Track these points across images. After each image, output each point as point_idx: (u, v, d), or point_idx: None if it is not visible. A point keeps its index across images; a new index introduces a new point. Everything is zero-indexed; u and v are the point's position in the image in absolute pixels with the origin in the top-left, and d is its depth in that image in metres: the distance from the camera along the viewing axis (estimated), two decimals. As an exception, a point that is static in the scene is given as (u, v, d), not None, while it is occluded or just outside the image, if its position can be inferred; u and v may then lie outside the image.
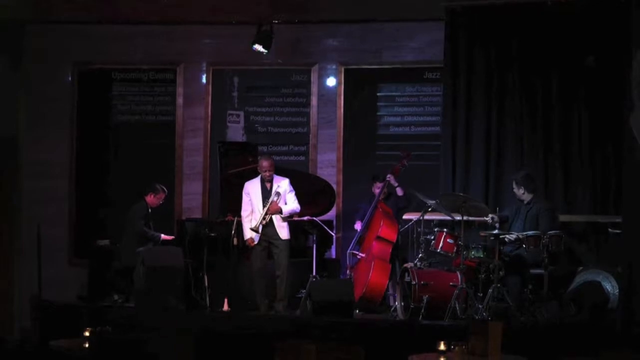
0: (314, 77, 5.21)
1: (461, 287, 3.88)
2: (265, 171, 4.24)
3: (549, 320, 3.73)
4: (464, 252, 3.97)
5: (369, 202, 4.63)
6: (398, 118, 5.18)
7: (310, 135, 5.24)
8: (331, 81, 5.19)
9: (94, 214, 5.21)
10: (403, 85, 5.15)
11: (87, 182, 5.27)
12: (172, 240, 4.71)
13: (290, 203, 4.26)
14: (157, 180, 4.84)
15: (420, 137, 5.13)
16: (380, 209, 4.44)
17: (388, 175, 4.52)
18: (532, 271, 4.06)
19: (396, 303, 4.13)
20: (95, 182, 5.27)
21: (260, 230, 4.18)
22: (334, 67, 5.16)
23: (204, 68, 5.25)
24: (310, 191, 4.62)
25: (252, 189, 4.28)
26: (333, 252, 4.95)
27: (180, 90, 5.27)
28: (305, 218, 4.45)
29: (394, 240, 4.38)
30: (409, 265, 4.12)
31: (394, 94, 5.18)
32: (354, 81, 5.16)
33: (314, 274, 4.31)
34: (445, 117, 4.85)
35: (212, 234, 4.52)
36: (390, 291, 4.37)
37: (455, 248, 4.06)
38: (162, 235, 4.67)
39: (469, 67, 4.79)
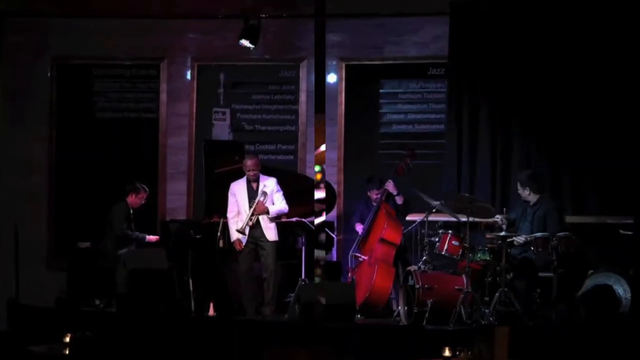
0: (302, 73, 5.20)
1: (467, 291, 3.86)
2: (250, 170, 4.25)
3: (558, 324, 3.72)
4: (470, 255, 3.96)
5: (366, 202, 4.60)
6: (401, 115, 5.14)
7: (299, 134, 5.24)
8: (332, 77, 5.14)
9: (74, 214, 5.19)
10: (406, 82, 5.11)
11: (67, 181, 5.25)
12: (156, 242, 4.72)
13: (277, 203, 4.27)
14: (141, 179, 4.82)
15: (424, 136, 5.08)
16: (384, 210, 4.40)
17: (387, 182, 4.47)
18: (541, 274, 4.03)
19: (399, 307, 4.12)
20: (75, 181, 5.24)
21: (246, 232, 4.20)
22: (334, 63, 5.11)
23: (189, 63, 5.25)
24: (299, 191, 4.61)
25: (237, 190, 4.29)
26: (334, 255, 4.93)
27: (164, 86, 5.25)
28: (294, 219, 4.47)
29: (398, 243, 4.36)
30: (413, 268, 4.10)
31: (396, 90, 5.14)
32: (355, 77, 5.15)
33: (302, 277, 4.33)
34: (450, 114, 4.81)
35: (197, 236, 4.54)
36: (393, 295, 4.36)
37: (460, 250, 4.03)
38: (148, 236, 4.68)
39: (474, 62, 4.73)
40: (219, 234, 4.32)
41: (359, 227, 4.55)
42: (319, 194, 4.26)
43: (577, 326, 3.62)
